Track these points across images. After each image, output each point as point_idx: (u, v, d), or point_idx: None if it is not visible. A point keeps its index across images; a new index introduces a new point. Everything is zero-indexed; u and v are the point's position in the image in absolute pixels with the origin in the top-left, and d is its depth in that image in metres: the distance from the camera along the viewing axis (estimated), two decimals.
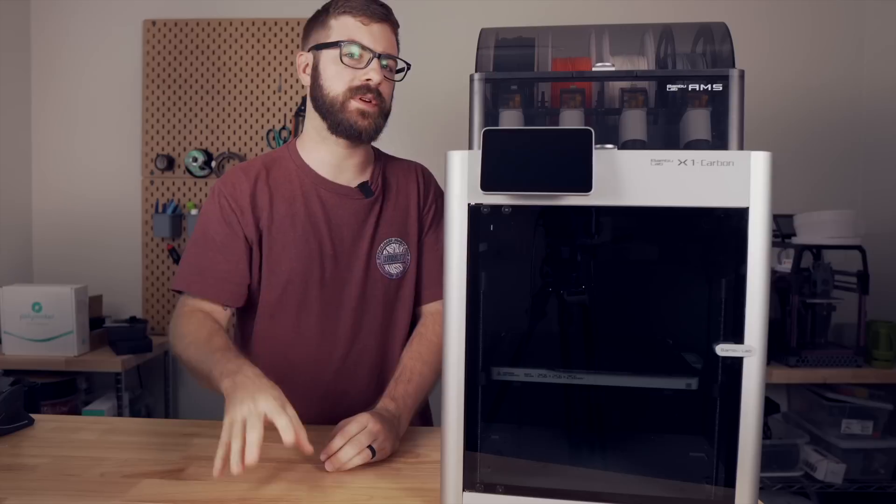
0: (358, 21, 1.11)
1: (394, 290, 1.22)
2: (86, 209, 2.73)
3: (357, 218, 1.19)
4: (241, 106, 2.67)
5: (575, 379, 0.76)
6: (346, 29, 1.11)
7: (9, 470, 0.92)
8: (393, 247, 1.21)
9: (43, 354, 2.24)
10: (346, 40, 1.11)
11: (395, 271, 1.21)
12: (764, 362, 0.68)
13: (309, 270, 1.16)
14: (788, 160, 2.52)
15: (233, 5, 2.66)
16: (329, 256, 1.17)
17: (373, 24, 1.12)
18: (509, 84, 0.80)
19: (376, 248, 1.20)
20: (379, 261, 1.20)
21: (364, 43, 1.11)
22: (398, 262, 1.21)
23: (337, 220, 1.18)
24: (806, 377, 2.09)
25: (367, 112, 1.12)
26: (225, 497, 0.84)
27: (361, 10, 1.12)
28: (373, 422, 0.98)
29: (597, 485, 0.73)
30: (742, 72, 0.72)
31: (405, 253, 1.22)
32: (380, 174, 1.23)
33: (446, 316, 0.73)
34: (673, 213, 0.69)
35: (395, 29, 1.17)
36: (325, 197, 1.18)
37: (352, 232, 1.19)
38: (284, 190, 1.18)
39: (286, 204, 1.17)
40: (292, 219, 1.17)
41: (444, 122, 2.50)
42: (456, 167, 0.72)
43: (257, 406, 0.87)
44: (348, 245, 1.18)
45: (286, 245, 1.16)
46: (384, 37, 1.13)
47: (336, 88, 1.12)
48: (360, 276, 1.19)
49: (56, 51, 2.71)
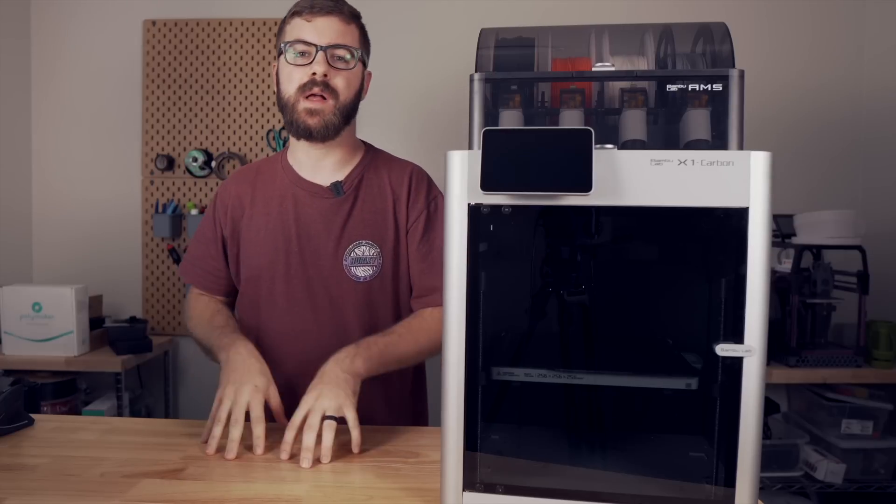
0: (303, 19, 1.13)
1: (364, 293, 1.19)
2: (86, 209, 2.73)
3: (324, 217, 1.19)
4: (241, 106, 2.67)
5: (575, 379, 0.76)
6: (295, 30, 1.14)
7: (9, 470, 0.92)
8: (362, 249, 1.19)
9: (43, 354, 2.24)
10: (292, 40, 1.13)
11: (364, 274, 1.18)
12: (764, 362, 0.68)
13: (274, 266, 1.20)
14: (788, 160, 2.52)
15: (233, 5, 2.66)
16: (294, 253, 1.19)
17: (317, 19, 1.13)
18: (509, 84, 0.80)
19: (343, 250, 1.18)
20: (346, 262, 1.18)
21: (307, 39, 1.12)
22: (367, 265, 1.18)
23: (305, 219, 1.20)
24: (806, 377, 2.09)
25: (314, 110, 1.13)
26: (225, 497, 0.84)
27: (307, 6, 1.14)
28: (311, 393, 0.99)
29: (597, 485, 0.73)
30: (742, 72, 0.72)
31: (377, 256, 1.19)
32: (359, 174, 1.22)
33: (446, 316, 0.73)
34: (673, 213, 0.69)
35: (346, 18, 1.16)
36: (298, 195, 1.21)
37: (318, 230, 1.19)
38: (268, 190, 1.23)
39: (264, 203, 1.23)
40: (266, 217, 1.22)
41: (444, 122, 2.50)
42: (456, 167, 0.72)
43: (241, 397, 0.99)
44: (315, 244, 1.19)
45: (257, 241, 1.21)
46: (330, 28, 1.13)
47: (288, 90, 1.15)
48: (326, 276, 1.18)
49: (56, 51, 2.71)
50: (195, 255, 1.30)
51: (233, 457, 0.94)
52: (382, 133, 2.62)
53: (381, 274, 1.20)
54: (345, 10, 1.16)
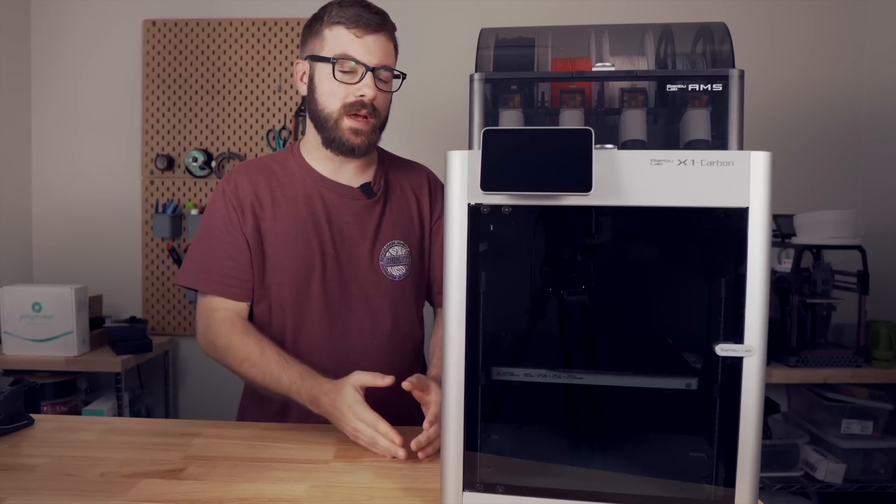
0: (352, 33, 1.09)
1: (398, 291, 1.22)
2: (86, 209, 2.73)
3: (358, 218, 1.19)
4: (241, 106, 2.67)
5: (575, 379, 0.76)
6: (340, 42, 1.10)
7: (9, 470, 0.92)
8: (395, 249, 1.21)
9: (43, 354, 2.24)
10: (339, 56, 1.09)
11: (398, 273, 1.21)
12: (764, 362, 0.68)
13: (310, 268, 1.17)
14: (788, 160, 2.52)
15: (233, 5, 2.66)
16: (331, 255, 1.17)
17: (367, 36, 1.10)
18: (509, 84, 0.80)
19: (379, 250, 1.20)
20: (382, 262, 1.20)
21: (358, 58, 1.09)
22: (400, 264, 1.21)
23: (338, 220, 1.18)
24: (806, 377, 2.09)
25: (359, 130, 1.12)
26: (225, 497, 0.84)
27: (355, 21, 1.09)
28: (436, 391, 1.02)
29: (597, 485, 0.73)
30: (742, 72, 0.72)
31: (407, 255, 1.22)
32: (383, 175, 1.24)
33: (446, 316, 0.73)
34: (673, 213, 0.69)
35: (390, 35, 1.15)
36: (326, 197, 1.19)
37: (353, 232, 1.19)
38: (288, 190, 1.19)
39: (289, 204, 1.18)
40: (294, 218, 1.17)
41: (444, 122, 2.50)
42: (456, 167, 0.72)
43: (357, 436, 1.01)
44: (350, 245, 1.19)
45: (289, 244, 1.17)
46: (379, 48, 1.11)
47: (330, 105, 1.12)
48: (364, 276, 1.19)
49: (56, 51, 2.71)
50: (209, 261, 1.17)
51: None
52: (383, 133, 2.63)
53: (412, 272, 1.23)
54: (389, 27, 1.14)
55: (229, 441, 1.04)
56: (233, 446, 1.02)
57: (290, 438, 1.05)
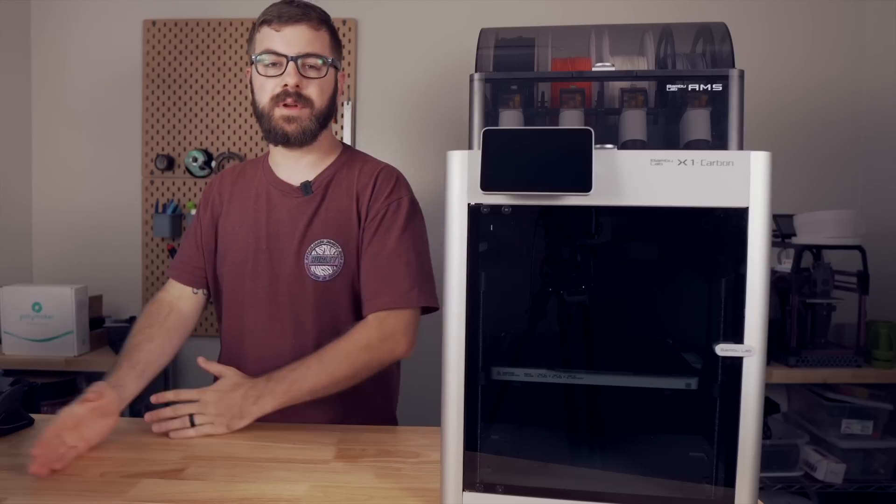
0: (272, 28, 1.14)
1: (323, 292, 1.19)
2: (86, 209, 2.72)
3: (292, 215, 1.21)
4: (241, 106, 2.67)
5: (575, 379, 0.76)
6: (265, 40, 1.15)
7: (9, 470, 0.92)
8: (323, 248, 1.19)
9: (43, 354, 2.24)
10: (261, 51, 1.14)
11: (323, 273, 1.18)
12: (764, 362, 0.68)
13: (244, 263, 1.22)
14: (788, 160, 2.52)
15: (233, 5, 2.66)
16: (263, 251, 1.21)
17: (285, 28, 1.13)
18: (509, 84, 0.80)
19: (305, 248, 1.19)
20: (306, 261, 1.19)
21: (277, 49, 1.13)
22: (327, 264, 1.18)
23: (275, 217, 1.21)
24: (806, 377, 2.08)
25: (291, 116, 1.15)
26: (225, 497, 0.84)
27: (275, 16, 1.14)
28: (209, 394, 1.08)
29: (597, 485, 0.73)
30: (742, 72, 0.72)
31: (337, 256, 1.19)
32: (331, 174, 1.23)
33: (446, 316, 0.73)
34: (673, 213, 0.69)
35: (316, 25, 1.16)
36: (271, 194, 1.23)
37: (286, 229, 1.21)
38: (247, 189, 1.26)
39: (242, 201, 1.25)
40: (242, 215, 1.24)
41: (444, 122, 2.50)
42: (456, 167, 0.72)
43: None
44: (281, 243, 1.20)
45: (232, 238, 1.24)
46: (299, 37, 1.13)
47: (262, 99, 1.16)
48: (288, 274, 1.19)
49: (56, 51, 2.71)
50: (179, 251, 1.34)
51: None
52: (382, 133, 2.63)
53: (342, 273, 1.19)
54: (313, 17, 1.15)
55: (229, 441, 1.04)
56: (233, 446, 1.02)
57: (290, 438, 1.05)
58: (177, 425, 1.06)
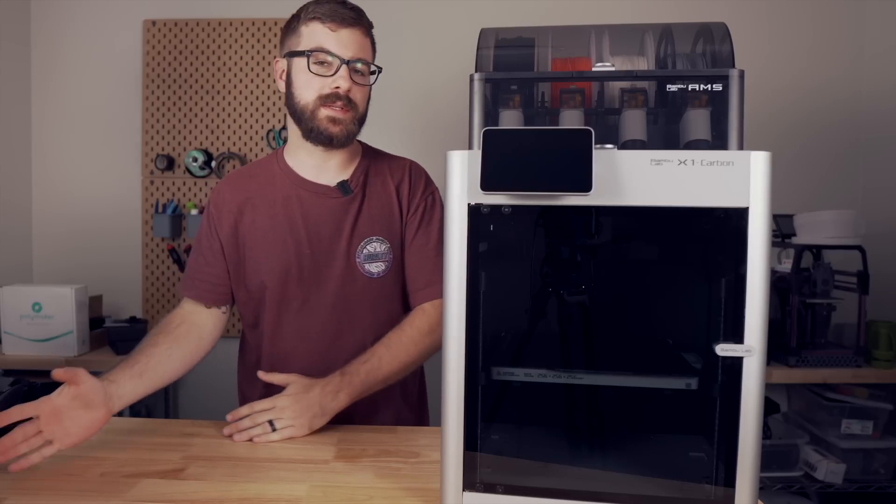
0: (326, 27, 1.12)
1: (377, 288, 1.20)
2: (86, 209, 2.73)
3: (334, 216, 1.19)
4: (241, 106, 2.67)
5: (575, 379, 0.76)
6: (315, 36, 1.12)
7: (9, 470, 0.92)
8: (374, 245, 1.20)
9: (43, 354, 2.24)
10: (314, 49, 1.12)
11: (377, 270, 1.20)
12: (764, 362, 0.68)
13: (287, 270, 1.19)
14: (788, 160, 2.52)
15: (233, 5, 2.66)
16: (307, 255, 1.19)
17: (341, 30, 1.12)
18: (509, 84, 0.79)
19: (355, 247, 1.19)
20: (359, 259, 1.19)
21: (332, 50, 1.11)
22: (379, 260, 1.20)
23: (314, 219, 1.19)
24: (806, 377, 2.09)
25: (337, 118, 1.13)
26: (225, 497, 0.84)
27: (330, 15, 1.12)
28: (283, 399, 1.06)
29: (597, 485, 0.73)
30: (742, 72, 0.72)
31: (387, 252, 1.20)
32: (363, 172, 1.23)
33: (446, 316, 0.73)
34: (673, 213, 0.69)
35: (366, 31, 1.16)
36: (304, 197, 1.20)
37: (329, 230, 1.19)
38: (267, 193, 1.22)
39: (267, 206, 1.21)
40: (271, 220, 1.20)
41: (445, 122, 2.50)
42: (456, 167, 0.72)
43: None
44: (326, 244, 1.19)
45: (266, 246, 1.20)
46: (353, 41, 1.13)
47: (306, 97, 1.14)
48: (339, 275, 1.19)
49: (56, 51, 2.71)
50: (192, 267, 1.25)
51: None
52: (382, 133, 2.63)
53: (393, 268, 1.22)
54: (365, 23, 1.16)
55: (229, 441, 1.04)
56: (233, 446, 1.02)
57: (291, 438, 1.05)
58: (258, 432, 1.04)
